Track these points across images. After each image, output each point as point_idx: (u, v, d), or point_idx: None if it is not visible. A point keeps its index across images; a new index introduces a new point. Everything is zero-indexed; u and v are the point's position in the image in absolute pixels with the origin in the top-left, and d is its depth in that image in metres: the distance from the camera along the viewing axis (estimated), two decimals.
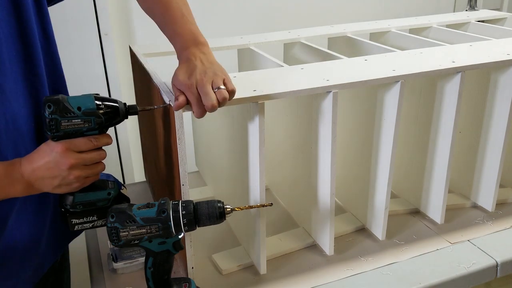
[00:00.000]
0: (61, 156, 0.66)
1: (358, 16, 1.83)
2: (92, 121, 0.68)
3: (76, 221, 0.75)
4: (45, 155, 0.67)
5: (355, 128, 0.98)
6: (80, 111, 0.67)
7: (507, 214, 1.04)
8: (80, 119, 0.67)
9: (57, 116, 0.66)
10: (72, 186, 0.69)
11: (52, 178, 0.67)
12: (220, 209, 0.71)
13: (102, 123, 0.69)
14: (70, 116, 0.66)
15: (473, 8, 1.53)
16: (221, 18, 1.67)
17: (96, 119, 0.68)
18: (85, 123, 0.67)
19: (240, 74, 0.87)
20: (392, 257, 0.92)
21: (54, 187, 0.68)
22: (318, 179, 0.89)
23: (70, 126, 0.66)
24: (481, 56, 0.93)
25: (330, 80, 0.81)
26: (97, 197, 0.74)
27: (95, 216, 0.75)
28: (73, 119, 0.66)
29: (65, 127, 0.66)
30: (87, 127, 0.68)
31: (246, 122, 0.79)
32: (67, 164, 0.66)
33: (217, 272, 0.90)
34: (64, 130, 0.67)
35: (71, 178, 0.68)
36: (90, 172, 0.70)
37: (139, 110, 0.72)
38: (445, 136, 0.93)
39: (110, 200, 0.75)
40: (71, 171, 0.67)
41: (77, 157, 0.67)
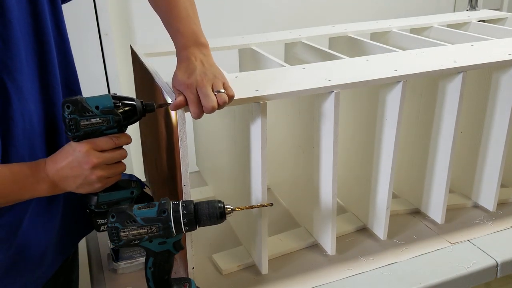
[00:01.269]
0: (83, 155, 0.67)
1: (359, 16, 1.83)
2: (111, 119, 0.68)
3: (102, 221, 0.76)
4: (68, 155, 0.68)
5: (357, 128, 0.98)
6: (98, 110, 0.68)
7: (507, 214, 1.04)
8: (98, 118, 0.68)
9: (76, 116, 0.67)
10: (94, 186, 0.70)
11: (75, 177, 0.68)
12: (220, 209, 0.71)
13: (120, 121, 0.69)
14: (89, 115, 0.67)
15: (474, 8, 1.53)
16: (222, 18, 1.66)
17: (115, 117, 0.69)
18: (104, 122, 0.68)
19: (242, 74, 0.87)
20: (392, 257, 0.92)
21: (77, 186, 0.69)
22: (319, 179, 0.89)
23: (89, 125, 0.67)
24: (483, 56, 0.93)
25: (332, 80, 0.81)
26: (121, 197, 0.75)
27: None
28: (92, 118, 0.67)
29: (84, 126, 0.67)
30: (106, 126, 0.69)
31: (248, 122, 0.79)
32: (90, 164, 0.67)
33: (218, 272, 0.90)
34: (83, 129, 0.68)
35: (93, 178, 0.68)
36: (112, 172, 0.70)
37: (156, 107, 0.72)
38: (446, 136, 0.93)
39: (133, 199, 0.76)
40: (93, 170, 0.68)
41: (99, 156, 0.68)
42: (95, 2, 1.46)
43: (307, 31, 1.22)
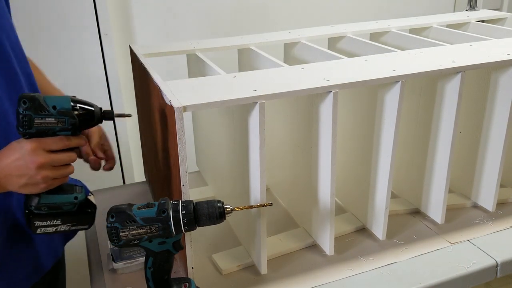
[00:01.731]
0: (30, 154, 0.65)
1: (358, 16, 1.83)
2: (66, 121, 0.67)
3: (39, 224, 0.72)
4: (15, 152, 0.66)
5: (356, 128, 0.98)
6: (55, 110, 0.67)
7: (507, 214, 1.04)
8: (54, 118, 0.67)
9: (31, 112, 0.65)
10: (39, 186, 0.68)
11: (19, 177, 0.66)
12: (220, 209, 0.71)
13: (76, 125, 0.68)
14: (44, 114, 0.66)
15: (473, 8, 1.53)
16: (221, 18, 1.67)
17: (70, 120, 0.68)
18: (59, 123, 0.67)
19: (241, 74, 0.87)
20: (392, 257, 0.92)
21: (20, 186, 0.67)
22: (318, 179, 0.89)
23: (43, 124, 0.66)
24: (482, 56, 0.93)
25: (330, 80, 0.81)
26: (63, 200, 0.72)
27: (59, 220, 0.73)
28: (47, 117, 0.66)
29: (38, 124, 0.66)
30: (60, 127, 0.67)
31: (247, 122, 0.79)
32: (36, 163, 0.65)
33: (217, 272, 0.90)
34: (36, 127, 0.66)
35: (38, 178, 0.66)
36: (58, 174, 0.69)
37: (114, 116, 0.73)
38: (445, 136, 0.93)
39: (76, 205, 0.74)
40: (39, 170, 0.66)
41: (46, 156, 0.66)
42: (95, 2, 1.46)
43: (307, 31, 1.22)
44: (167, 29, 1.62)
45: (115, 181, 1.64)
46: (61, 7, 1.42)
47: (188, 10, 1.62)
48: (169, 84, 0.81)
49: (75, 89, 1.49)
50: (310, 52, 1.10)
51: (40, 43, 1.04)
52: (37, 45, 1.06)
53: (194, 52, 1.07)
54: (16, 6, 1.32)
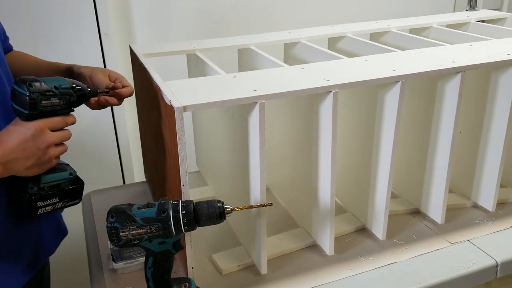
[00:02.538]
0: (39, 135, 0.67)
1: (358, 16, 1.83)
2: (67, 100, 0.70)
3: (41, 204, 0.74)
4: (19, 134, 0.66)
5: (356, 128, 0.98)
6: (57, 90, 0.69)
7: (507, 214, 1.04)
8: (57, 98, 0.69)
9: (38, 94, 0.67)
10: (44, 166, 0.69)
11: (26, 159, 0.67)
12: (220, 209, 0.71)
13: (74, 103, 0.71)
14: (50, 95, 0.68)
15: (473, 8, 1.53)
16: (221, 18, 1.67)
17: (70, 98, 0.70)
18: (61, 101, 0.69)
19: (241, 74, 0.87)
20: (392, 257, 0.92)
21: (26, 168, 0.68)
22: (318, 179, 0.89)
23: (48, 104, 0.68)
24: (481, 56, 0.93)
25: (330, 80, 0.81)
26: (61, 178, 0.74)
27: (57, 197, 0.76)
28: (52, 97, 0.68)
29: (44, 105, 0.67)
30: (61, 106, 0.70)
31: (247, 122, 0.79)
32: (46, 143, 0.67)
33: (217, 272, 0.90)
34: (42, 108, 0.68)
35: (46, 158, 0.68)
36: (60, 151, 0.71)
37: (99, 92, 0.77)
38: (445, 136, 0.93)
39: (71, 181, 0.76)
40: (47, 150, 0.68)
41: (53, 135, 0.68)
42: (95, 2, 1.46)
43: (307, 31, 1.22)
44: (167, 29, 1.62)
45: (115, 181, 1.64)
46: (61, 7, 1.42)
47: (188, 10, 1.62)
48: (169, 84, 0.81)
49: None
50: (310, 52, 1.10)
51: (40, 43, 1.04)
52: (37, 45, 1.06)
53: (194, 52, 1.07)
54: (16, 6, 1.32)
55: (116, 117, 1.59)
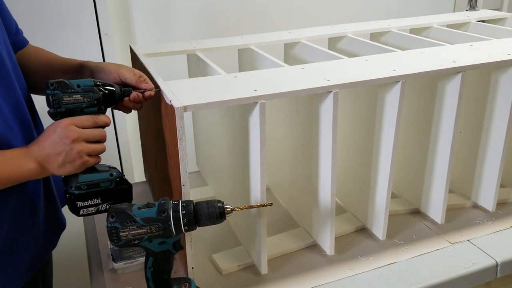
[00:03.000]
0: (64, 130, 0.70)
1: (358, 16, 1.83)
2: (91, 96, 0.73)
3: (81, 204, 0.76)
4: (50, 133, 0.71)
5: (356, 128, 0.98)
6: (79, 88, 0.73)
7: (507, 214, 1.04)
8: (80, 95, 0.72)
9: (59, 91, 0.71)
10: (75, 163, 0.71)
11: (56, 155, 0.70)
12: (220, 209, 0.71)
13: (100, 100, 0.74)
14: (71, 92, 0.72)
15: (473, 8, 1.53)
16: (221, 18, 1.67)
17: (95, 95, 0.73)
18: (85, 98, 0.73)
19: (241, 74, 0.87)
20: (392, 257, 0.92)
21: (58, 165, 0.71)
22: (318, 179, 0.89)
23: (71, 101, 0.72)
24: (482, 56, 0.93)
25: (330, 80, 0.81)
26: (100, 178, 0.76)
27: (100, 198, 0.77)
28: (73, 94, 0.72)
29: (66, 102, 0.72)
30: (86, 103, 0.73)
31: (247, 122, 0.79)
32: (70, 138, 0.70)
33: (217, 272, 0.90)
34: (65, 105, 0.72)
35: (74, 153, 0.70)
36: (91, 149, 0.72)
37: (133, 91, 0.77)
38: (445, 136, 0.93)
39: (112, 182, 0.77)
40: (73, 145, 0.70)
41: (79, 131, 0.71)
42: (95, 2, 1.46)
43: (307, 31, 1.22)
44: (167, 29, 1.62)
45: None
46: (61, 7, 1.42)
47: (188, 10, 1.62)
48: (169, 84, 0.81)
49: None
50: (311, 52, 1.10)
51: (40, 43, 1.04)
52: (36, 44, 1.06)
53: (195, 52, 1.07)
54: (16, 6, 1.32)
55: (116, 117, 1.59)
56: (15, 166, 0.70)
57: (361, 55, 1.00)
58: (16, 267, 0.80)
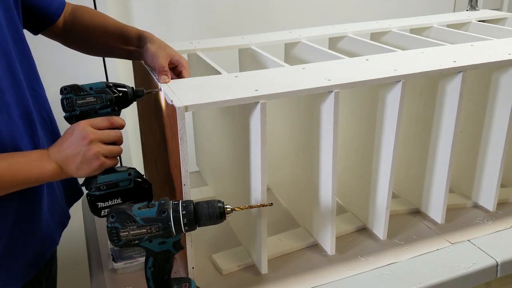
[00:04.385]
0: (81, 132, 0.71)
1: (359, 16, 1.83)
2: (104, 98, 0.75)
3: (102, 205, 0.77)
4: (68, 135, 0.73)
5: (357, 128, 0.98)
6: (92, 90, 0.75)
7: (507, 214, 1.04)
8: (92, 97, 0.74)
9: (72, 94, 0.74)
10: (93, 164, 0.72)
11: (74, 156, 0.71)
12: (220, 209, 0.71)
13: (113, 101, 0.75)
14: (84, 94, 0.74)
15: (474, 8, 1.53)
16: (222, 18, 1.66)
17: (107, 96, 0.75)
18: (98, 100, 0.75)
19: (242, 74, 0.87)
20: (392, 257, 0.92)
21: (77, 167, 0.72)
22: (319, 179, 0.89)
23: (84, 104, 0.74)
24: (482, 56, 0.93)
25: (331, 80, 0.81)
26: (119, 178, 0.77)
27: (120, 198, 0.78)
28: (86, 96, 0.74)
29: (80, 105, 0.74)
30: (100, 105, 0.75)
31: (248, 122, 0.79)
32: (87, 139, 0.71)
33: (217, 272, 0.90)
34: (79, 108, 0.74)
35: (91, 154, 0.71)
36: (108, 151, 0.73)
37: (146, 93, 0.78)
38: (446, 136, 0.93)
39: (131, 181, 0.78)
40: (90, 146, 0.71)
41: (95, 132, 0.72)
42: (95, 2, 1.46)
43: (307, 31, 1.22)
44: (167, 29, 1.62)
45: None
46: None
47: (188, 10, 1.62)
48: (170, 83, 0.81)
49: None
50: (311, 52, 1.10)
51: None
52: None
53: (195, 52, 1.07)
54: None
55: None
56: (37, 167, 0.72)
57: (362, 55, 1.00)
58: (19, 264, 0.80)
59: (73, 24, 0.93)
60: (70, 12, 0.94)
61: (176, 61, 0.86)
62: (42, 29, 0.93)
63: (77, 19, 0.93)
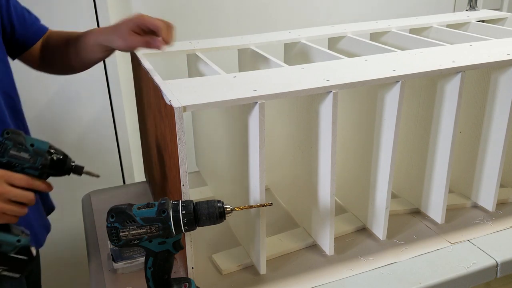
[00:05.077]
0: None
1: (358, 16, 1.83)
2: (38, 160, 0.70)
3: None
4: None
5: (356, 128, 0.98)
6: (32, 148, 0.70)
7: (507, 214, 1.04)
8: (28, 154, 0.70)
9: (9, 142, 0.69)
10: None
11: None
12: (220, 209, 0.71)
13: (46, 166, 0.71)
14: (20, 148, 0.69)
15: (473, 8, 1.53)
16: (221, 18, 1.67)
17: (42, 160, 0.70)
18: (31, 159, 0.70)
19: (240, 74, 0.87)
20: (392, 257, 0.92)
21: None
22: (318, 179, 0.89)
23: (16, 156, 0.69)
24: (482, 56, 0.93)
25: (330, 80, 0.81)
26: (5, 239, 0.70)
27: None
28: (22, 151, 0.70)
29: (11, 155, 0.69)
30: (30, 164, 0.70)
31: (247, 122, 0.79)
32: None
33: (217, 272, 0.90)
34: (9, 158, 0.69)
35: None
36: (10, 209, 0.68)
37: (83, 172, 0.76)
38: (445, 136, 0.93)
39: (16, 248, 0.70)
40: None
41: (5, 187, 0.68)
42: (95, 2, 1.46)
43: (307, 31, 1.22)
44: None
45: (115, 181, 1.64)
46: (61, 6, 1.42)
47: (188, 10, 1.62)
48: (169, 84, 0.81)
49: (75, 89, 1.49)
50: (310, 52, 1.10)
51: None
52: None
53: (194, 52, 1.07)
54: None
55: (116, 117, 1.59)
56: None
57: (361, 55, 1.00)
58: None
59: (43, 51, 0.93)
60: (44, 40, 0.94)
61: (151, 24, 0.83)
62: (17, 54, 0.93)
63: (51, 48, 0.93)
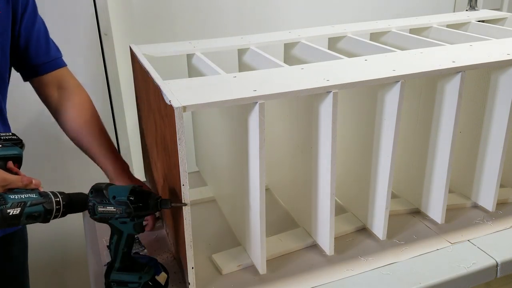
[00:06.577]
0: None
1: (358, 16, 1.83)
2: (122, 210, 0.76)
3: None
4: None
5: (356, 128, 0.98)
6: (113, 200, 0.76)
7: (507, 214, 1.04)
8: (112, 207, 0.76)
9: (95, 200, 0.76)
10: None
11: None
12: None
13: (130, 214, 0.77)
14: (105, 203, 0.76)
15: (473, 8, 1.53)
16: (221, 18, 1.67)
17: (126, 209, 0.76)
18: (117, 211, 0.76)
19: (240, 74, 0.87)
20: (392, 257, 0.92)
21: None
22: (318, 179, 0.89)
23: (104, 212, 0.76)
24: (481, 56, 0.93)
25: (330, 80, 0.81)
26: (130, 279, 0.80)
27: None
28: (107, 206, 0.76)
29: (100, 212, 0.76)
30: (118, 215, 0.77)
31: (247, 122, 0.79)
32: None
33: (217, 272, 0.90)
34: (100, 214, 0.77)
35: None
36: None
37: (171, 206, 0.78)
38: (445, 136, 0.93)
39: (140, 284, 0.80)
40: None
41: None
42: (95, 2, 1.46)
43: (307, 31, 1.22)
44: (167, 29, 1.62)
45: None
46: (61, 6, 1.42)
47: (188, 10, 1.62)
48: (169, 84, 0.81)
49: None
50: (310, 52, 1.10)
51: None
52: None
53: (194, 52, 1.07)
54: None
55: (116, 117, 1.59)
56: None
57: (361, 55, 1.00)
58: None
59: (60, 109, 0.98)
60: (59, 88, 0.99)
61: None
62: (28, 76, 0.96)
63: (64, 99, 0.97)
